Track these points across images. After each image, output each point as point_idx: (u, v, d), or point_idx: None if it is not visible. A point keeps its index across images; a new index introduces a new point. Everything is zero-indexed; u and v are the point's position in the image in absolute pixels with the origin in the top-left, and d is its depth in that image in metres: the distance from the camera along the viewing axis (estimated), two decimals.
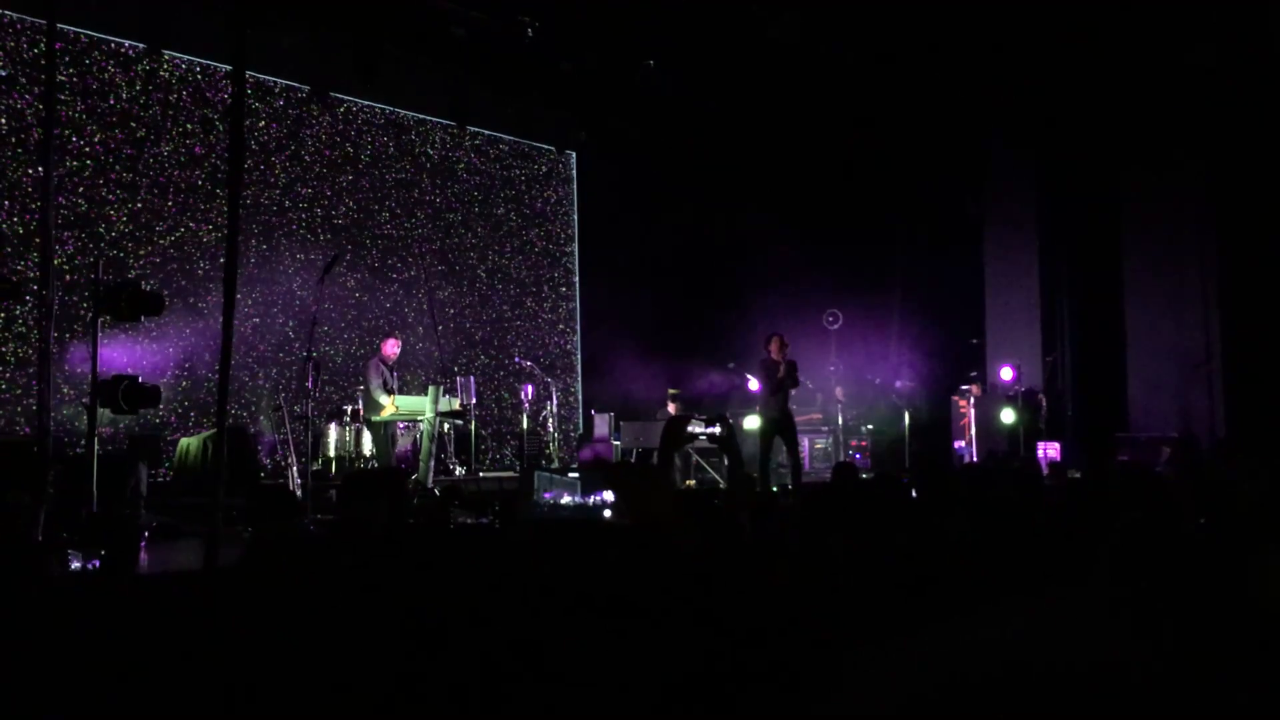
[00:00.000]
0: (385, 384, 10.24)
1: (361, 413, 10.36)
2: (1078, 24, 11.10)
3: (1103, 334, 14.06)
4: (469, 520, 7.01)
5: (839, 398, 13.75)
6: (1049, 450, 12.83)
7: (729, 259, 14.82)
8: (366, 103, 12.44)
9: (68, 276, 9.68)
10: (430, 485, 9.27)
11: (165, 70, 10.72)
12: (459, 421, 10.88)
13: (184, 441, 9.51)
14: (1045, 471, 10.57)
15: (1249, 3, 10.75)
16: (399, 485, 3.66)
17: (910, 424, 13.27)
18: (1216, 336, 13.07)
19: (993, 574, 2.52)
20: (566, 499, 9.84)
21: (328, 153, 12.05)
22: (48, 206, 6.06)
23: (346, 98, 12.22)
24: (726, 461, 10.78)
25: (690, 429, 10.06)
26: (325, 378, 10.97)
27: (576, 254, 14.84)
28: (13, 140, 9.62)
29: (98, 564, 5.01)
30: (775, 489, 10.22)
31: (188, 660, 2.17)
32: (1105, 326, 14.03)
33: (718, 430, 10.25)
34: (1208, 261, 13.14)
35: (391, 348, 10.57)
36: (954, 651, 1.61)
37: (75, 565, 5.05)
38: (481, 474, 11.50)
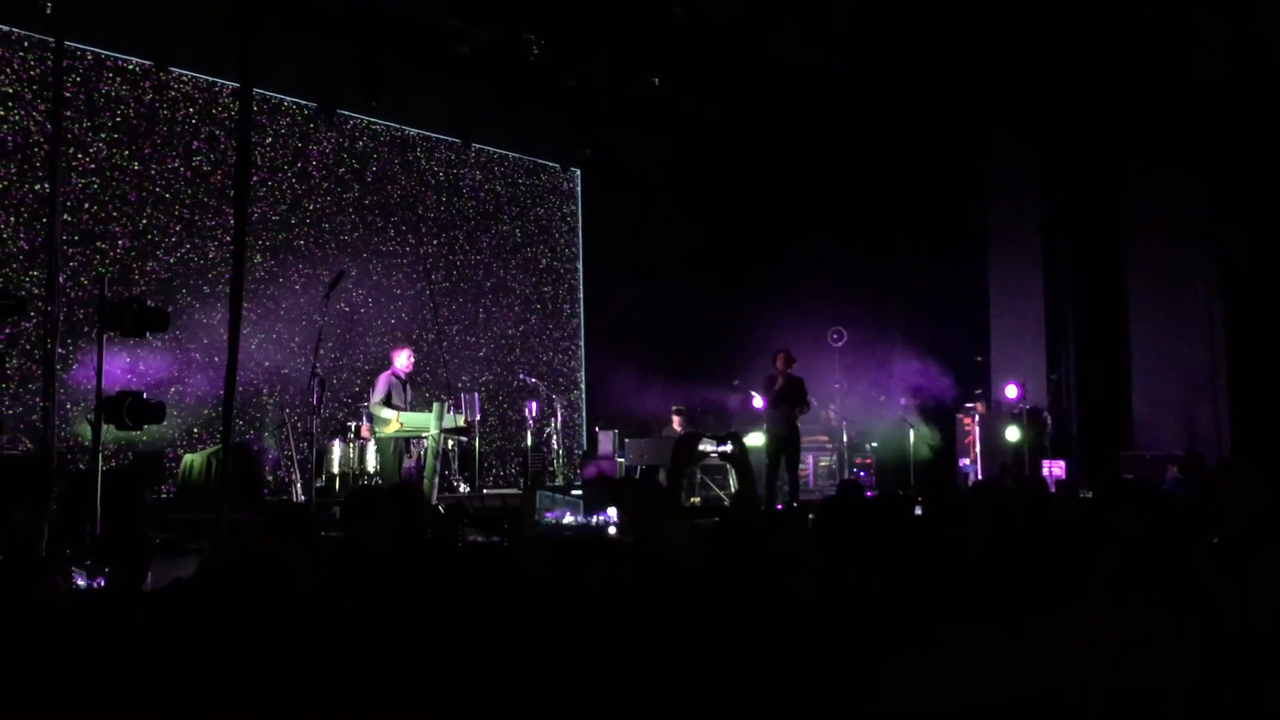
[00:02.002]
0: (392, 398, 10.08)
1: (366, 428, 10.32)
2: (1081, 37, 11.12)
3: (1108, 351, 14.01)
4: (478, 538, 6.98)
5: (832, 418, 13.73)
6: (1054, 468, 12.77)
7: (734, 275, 14.80)
8: (372, 120, 12.46)
9: (73, 293, 9.67)
10: (434, 502, 9.24)
11: (172, 87, 10.76)
12: (463, 439, 10.84)
13: (188, 458, 9.49)
14: (1051, 489, 10.52)
15: (1253, 14, 10.76)
16: (409, 502, 3.63)
17: (915, 442, 13.22)
18: (1222, 353, 13.02)
19: (1014, 590, 2.49)
20: (569, 518, 9.79)
21: (334, 169, 12.07)
22: (54, 222, 6.06)
23: (352, 115, 12.25)
24: (735, 478, 10.71)
25: (702, 447, 9.98)
26: (329, 394, 10.94)
27: (581, 270, 14.84)
28: (19, 156, 9.64)
29: (103, 581, 4.97)
30: (780, 506, 10.18)
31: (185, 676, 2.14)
32: (1110, 343, 13.98)
33: (729, 448, 10.19)
34: (1213, 278, 13.10)
35: (405, 360, 10.14)
36: (984, 667, 1.59)
37: (80, 582, 5.01)
38: (485, 491, 11.47)
